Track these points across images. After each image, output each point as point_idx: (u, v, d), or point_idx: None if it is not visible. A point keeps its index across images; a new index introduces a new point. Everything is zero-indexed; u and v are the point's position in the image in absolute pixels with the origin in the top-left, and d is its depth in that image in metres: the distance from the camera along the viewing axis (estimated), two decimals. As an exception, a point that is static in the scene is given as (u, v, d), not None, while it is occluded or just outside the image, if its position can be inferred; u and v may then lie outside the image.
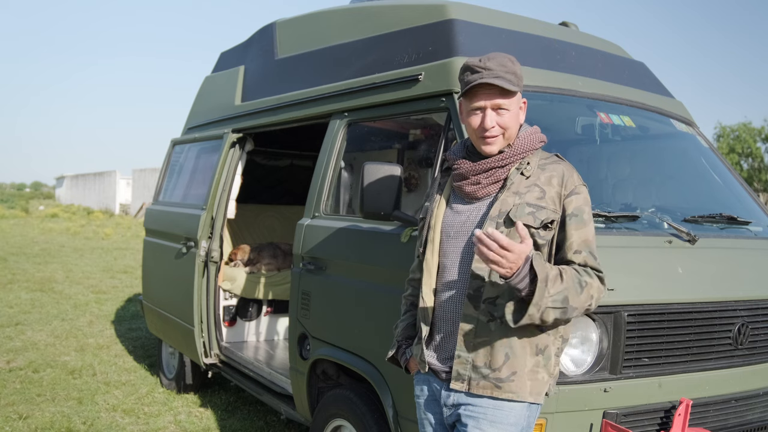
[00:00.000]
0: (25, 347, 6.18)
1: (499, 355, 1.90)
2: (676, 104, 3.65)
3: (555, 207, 1.92)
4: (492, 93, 1.92)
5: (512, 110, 1.95)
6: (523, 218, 1.89)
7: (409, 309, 2.23)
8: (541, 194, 1.93)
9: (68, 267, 12.08)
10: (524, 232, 1.79)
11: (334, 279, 3.18)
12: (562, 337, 1.98)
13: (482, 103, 1.93)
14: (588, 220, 1.94)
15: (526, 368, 1.91)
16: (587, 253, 1.91)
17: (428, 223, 2.07)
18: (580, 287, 1.84)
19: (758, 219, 3.18)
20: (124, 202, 37.46)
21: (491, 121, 1.93)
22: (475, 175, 1.99)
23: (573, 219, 1.92)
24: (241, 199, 4.70)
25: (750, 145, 32.38)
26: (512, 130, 1.97)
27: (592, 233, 1.94)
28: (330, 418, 3.14)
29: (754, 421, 2.66)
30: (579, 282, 1.85)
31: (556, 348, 1.97)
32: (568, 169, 1.99)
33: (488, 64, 1.91)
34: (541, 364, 1.94)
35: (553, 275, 1.81)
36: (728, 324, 2.57)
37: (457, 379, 1.94)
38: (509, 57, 1.96)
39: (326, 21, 3.95)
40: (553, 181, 1.95)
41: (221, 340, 4.53)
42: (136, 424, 4.40)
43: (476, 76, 1.91)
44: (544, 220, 1.90)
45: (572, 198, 1.94)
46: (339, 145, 3.35)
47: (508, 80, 1.91)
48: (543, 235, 1.92)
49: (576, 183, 1.96)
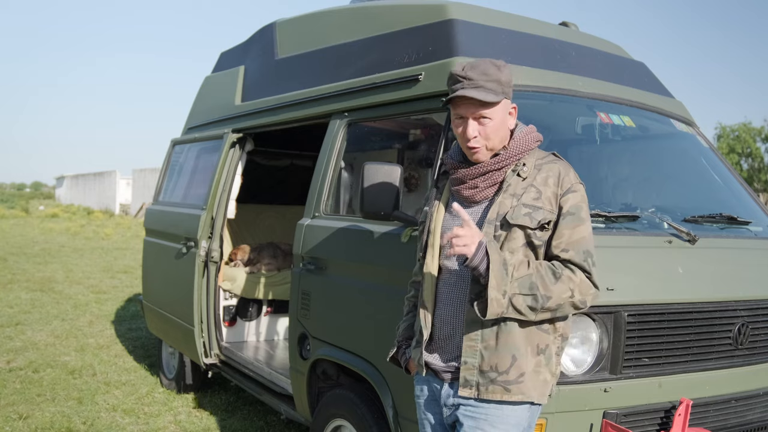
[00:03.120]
0: (25, 347, 6.18)
1: (505, 357, 1.89)
2: (676, 104, 3.65)
3: (551, 207, 1.91)
4: (472, 104, 1.91)
5: (496, 119, 1.93)
6: (519, 219, 1.89)
7: (411, 310, 2.24)
8: (537, 195, 1.92)
9: (68, 267, 12.08)
10: (465, 216, 1.85)
11: (334, 279, 3.18)
12: (561, 335, 1.98)
13: (463, 113, 1.93)
14: (584, 218, 1.93)
15: (529, 369, 1.91)
16: (575, 252, 1.88)
17: (428, 227, 2.06)
18: (553, 276, 1.83)
19: (758, 219, 3.18)
20: (124, 202, 37.47)
21: (473, 131, 1.93)
22: (472, 179, 1.98)
23: (567, 218, 1.91)
24: (241, 199, 4.70)
25: (750, 145, 32.40)
26: (495, 140, 1.95)
27: (587, 232, 1.92)
28: (330, 418, 3.14)
29: (754, 421, 2.66)
30: (552, 272, 1.84)
31: (556, 347, 1.97)
32: (565, 167, 1.97)
33: (469, 73, 1.90)
34: (542, 363, 1.94)
35: (515, 261, 1.83)
36: (728, 324, 2.57)
37: (466, 386, 1.93)
38: (496, 63, 1.93)
39: (326, 21, 3.95)
40: (549, 181, 1.94)
41: (221, 340, 4.53)
42: (136, 424, 4.40)
43: (457, 87, 1.91)
44: (541, 221, 1.90)
45: (568, 197, 1.92)
46: (339, 145, 3.35)
47: (489, 90, 1.89)
48: (540, 236, 1.91)
49: (572, 182, 1.95)
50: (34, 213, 32.81)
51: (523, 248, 1.91)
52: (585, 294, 1.87)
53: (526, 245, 1.91)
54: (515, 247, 1.90)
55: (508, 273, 1.81)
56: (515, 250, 1.90)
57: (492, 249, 1.82)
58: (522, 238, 1.90)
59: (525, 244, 1.91)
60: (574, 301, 1.86)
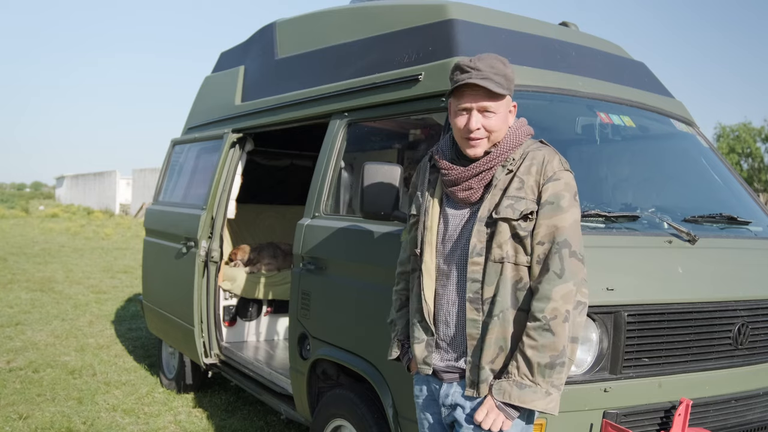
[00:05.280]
0: (25, 347, 6.18)
1: (509, 355, 1.89)
2: (676, 104, 3.65)
3: (533, 197, 1.88)
4: (479, 95, 1.89)
5: (499, 113, 1.92)
6: (502, 212, 1.87)
7: (405, 305, 2.21)
8: (520, 185, 1.89)
9: (68, 267, 12.08)
10: (479, 417, 1.88)
11: (334, 279, 3.18)
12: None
13: (468, 104, 1.91)
14: (567, 207, 1.86)
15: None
16: (550, 245, 1.84)
17: (424, 223, 2.05)
18: (545, 331, 1.80)
19: (758, 219, 3.18)
20: (124, 202, 37.47)
21: (476, 123, 1.90)
22: (466, 181, 1.96)
23: (546, 207, 1.86)
24: (241, 199, 4.70)
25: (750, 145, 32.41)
26: (498, 134, 1.94)
27: (568, 221, 1.85)
28: (330, 418, 3.14)
29: (754, 421, 2.66)
30: (542, 328, 1.80)
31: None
32: (549, 154, 1.93)
33: (478, 64, 1.88)
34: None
35: (522, 371, 1.83)
36: (728, 324, 2.57)
37: (472, 387, 1.92)
38: (501, 59, 1.92)
39: (326, 21, 3.95)
40: (532, 169, 1.90)
41: (221, 340, 4.53)
42: (136, 424, 4.41)
43: (464, 76, 1.89)
44: (523, 211, 1.86)
45: (549, 185, 1.88)
46: (339, 145, 3.35)
47: (497, 82, 1.88)
48: (524, 226, 1.87)
49: (555, 169, 1.89)
50: (34, 213, 32.81)
51: (510, 241, 1.87)
52: (575, 295, 1.83)
53: (512, 238, 1.88)
54: (502, 240, 1.87)
55: (528, 383, 1.82)
56: (503, 243, 1.87)
57: (498, 391, 1.85)
58: (508, 231, 1.87)
59: (511, 237, 1.88)
60: (574, 319, 1.84)
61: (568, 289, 1.82)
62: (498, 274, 1.88)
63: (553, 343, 1.80)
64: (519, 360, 1.83)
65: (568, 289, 1.82)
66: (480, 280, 1.90)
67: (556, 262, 1.83)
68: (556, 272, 1.82)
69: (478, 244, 1.90)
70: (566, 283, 1.82)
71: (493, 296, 1.89)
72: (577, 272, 1.84)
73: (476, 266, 1.90)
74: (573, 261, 1.84)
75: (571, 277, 1.83)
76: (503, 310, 1.87)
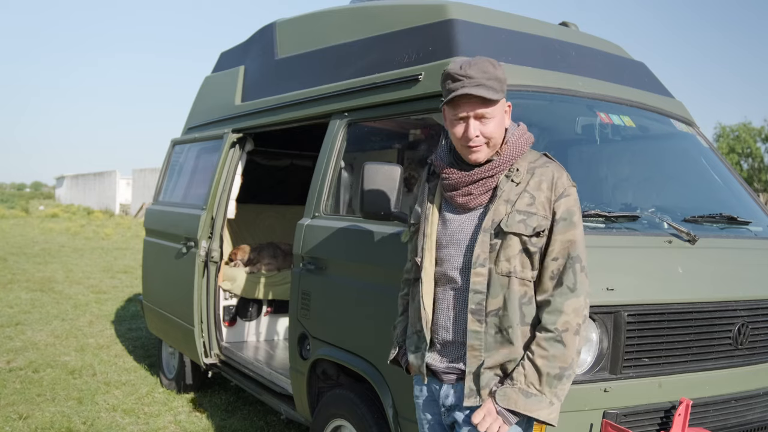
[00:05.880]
0: (25, 347, 6.18)
1: (509, 366, 1.89)
2: (676, 104, 3.65)
3: (545, 213, 1.90)
4: (474, 103, 1.89)
5: (496, 117, 1.92)
6: (514, 227, 1.87)
7: (407, 309, 2.22)
8: (531, 200, 1.90)
9: (68, 267, 12.08)
10: (477, 418, 1.87)
11: (334, 279, 3.18)
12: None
13: (464, 113, 1.90)
14: (577, 222, 1.91)
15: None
16: (564, 260, 1.87)
17: (424, 231, 2.05)
18: (556, 342, 1.83)
19: (758, 219, 3.18)
20: (124, 202, 37.47)
21: (474, 131, 1.90)
22: (465, 186, 1.96)
23: (561, 223, 1.89)
24: (241, 199, 4.70)
25: (750, 145, 32.42)
26: (497, 138, 1.94)
27: (579, 235, 1.91)
28: (330, 418, 3.14)
29: (754, 421, 2.66)
30: (554, 339, 1.83)
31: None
32: (558, 170, 1.95)
33: (469, 71, 1.87)
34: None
35: (530, 379, 1.84)
36: (728, 324, 2.57)
37: (471, 396, 1.92)
38: (491, 61, 1.91)
39: (326, 21, 3.95)
40: (542, 185, 1.91)
41: (221, 340, 4.53)
42: (136, 424, 4.41)
43: (457, 85, 1.88)
44: (536, 228, 1.88)
45: (561, 201, 1.90)
46: (339, 145, 3.35)
47: (490, 87, 1.87)
48: (535, 242, 1.89)
49: (565, 185, 1.93)
50: (34, 213, 32.81)
51: (519, 256, 1.89)
52: (585, 307, 1.87)
53: (522, 252, 1.89)
54: (511, 254, 1.88)
55: (535, 392, 1.83)
56: (511, 257, 1.88)
57: (507, 396, 1.85)
58: (518, 245, 1.88)
59: (521, 251, 1.89)
60: (581, 322, 1.86)
61: (580, 303, 1.86)
62: (504, 288, 1.88)
63: (564, 354, 1.83)
64: (527, 368, 1.84)
65: (579, 303, 1.86)
66: (484, 292, 1.89)
67: (570, 277, 1.87)
68: (569, 286, 1.86)
69: (481, 255, 1.90)
70: (578, 297, 1.86)
71: (498, 309, 1.88)
72: (587, 286, 1.90)
73: (479, 277, 1.90)
74: (583, 275, 1.88)
75: (582, 292, 1.87)
76: (511, 325, 1.87)
